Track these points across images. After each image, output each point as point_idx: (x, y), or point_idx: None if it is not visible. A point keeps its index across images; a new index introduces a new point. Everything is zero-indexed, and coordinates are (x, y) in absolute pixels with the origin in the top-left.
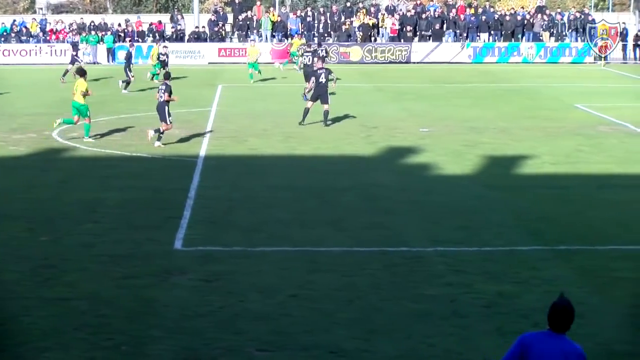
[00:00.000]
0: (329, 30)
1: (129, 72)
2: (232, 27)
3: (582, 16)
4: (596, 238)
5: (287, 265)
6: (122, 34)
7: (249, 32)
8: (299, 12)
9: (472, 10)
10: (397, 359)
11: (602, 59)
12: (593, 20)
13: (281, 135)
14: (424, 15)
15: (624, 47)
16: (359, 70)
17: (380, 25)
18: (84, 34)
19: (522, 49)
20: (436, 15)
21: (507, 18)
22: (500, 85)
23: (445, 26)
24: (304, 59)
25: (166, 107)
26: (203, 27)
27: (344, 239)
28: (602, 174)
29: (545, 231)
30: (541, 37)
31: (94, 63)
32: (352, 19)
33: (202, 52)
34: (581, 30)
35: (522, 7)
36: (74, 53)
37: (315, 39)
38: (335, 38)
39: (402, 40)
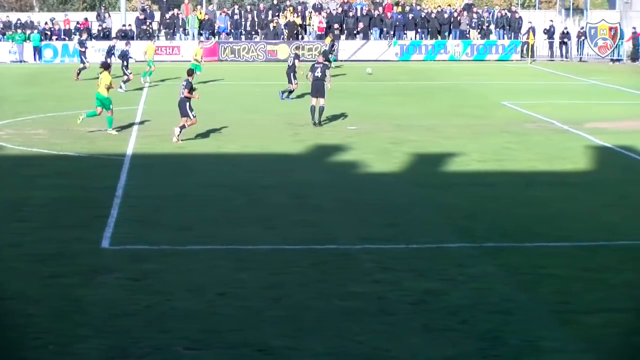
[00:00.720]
0: (257, 28)
1: (126, 71)
2: (159, 25)
3: (509, 14)
4: (523, 235)
5: (215, 263)
6: (49, 32)
7: (175, 30)
8: (226, 10)
9: (399, 8)
10: (325, 356)
11: (529, 56)
12: (520, 18)
13: (209, 133)
14: (350, 13)
15: (551, 45)
16: (286, 68)
17: (307, 23)
18: (9, 32)
19: (449, 46)
20: (363, 13)
21: (434, 16)
22: (428, 83)
23: (372, 24)
24: (288, 60)
25: (187, 103)
26: (130, 25)
27: (272, 237)
28: (529, 171)
29: (473, 228)
30: (468, 35)
31: (21, 62)
32: (279, 16)
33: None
34: (507, 27)
35: (449, 5)
36: None
37: (330, 35)
38: (263, 36)
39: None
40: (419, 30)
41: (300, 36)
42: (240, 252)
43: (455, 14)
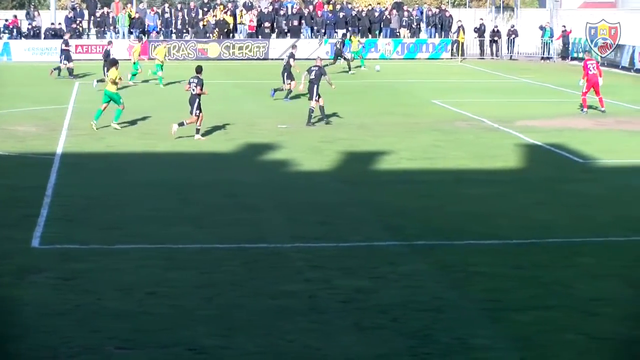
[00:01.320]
0: (187, 26)
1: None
2: (88, 23)
3: (439, 12)
4: (453, 233)
5: (146, 262)
6: None
7: (106, 29)
8: (155, 9)
9: (330, 7)
10: (256, 355)
11: (460, 54)
12: (450, 16)
13: (139, 132)
14: (282, 12)
15: (481, 43)
16: (217, 66)
17: (238, 21)
18: None
19: (380, 45)
20: (294, 12)
21: (365, 14)
22: (358, 82)
23: (303, 22)
24: (284, 60)
25: (197, 100)
26: (60, 23)
27: (203, 235)
28: (459, 169)
29: (403, 226)
30: (398, 33)
31: None
32: (209, 15)
33: (59, 48)
34: (439, 26)
35: (379, 3)
36: None
37: (339, 32)
38: (193, 34)
39: (260, 36)
40: (349, 28)
41: (231, 35)
42: (170, 251)
43: (386, 13)
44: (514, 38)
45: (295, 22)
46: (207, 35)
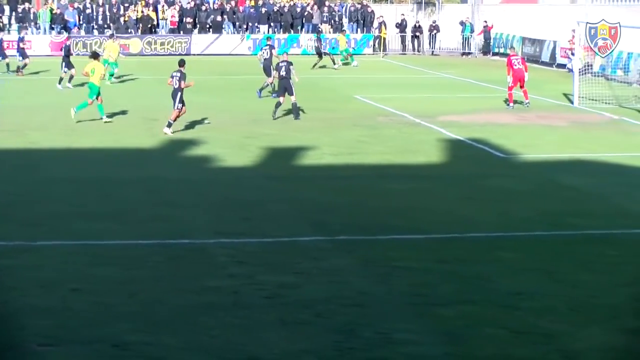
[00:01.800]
0: (109, 22)
1: (64, 67)
2: (9, 19)
3: (361, 8)
4: (377, 228)
5: (68, 259)
6: None
7: (27, 25)
8: (76, 4)
9: (252, 2)
10: (180, 351)
11: (381, 50)
12: (372, 12)
13: (62, 128)
14: (203, 7)
15: (403, 39)
16: (139, 62)
17: (160, 17)
18: None
19: (302, 40)
20: (215, 7)
21: (287, 9)
22: None
23: (225, 18)
24: (264, 52)
25: (179, 94)
26: None
27: (126, 232)
28: (381, 164)
29: (327, 222)
30: (320, 29)
31: None
32: (131, 10)
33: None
34: (361, 21)
35: None
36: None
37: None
38: (115, 30)
39: (182, 32)
40: (271, 24)
41: (153, 30)
42: (93, 248)
43: (308, 8)
44: (435, 33)
45: (218, 18)
46: (129, 30)
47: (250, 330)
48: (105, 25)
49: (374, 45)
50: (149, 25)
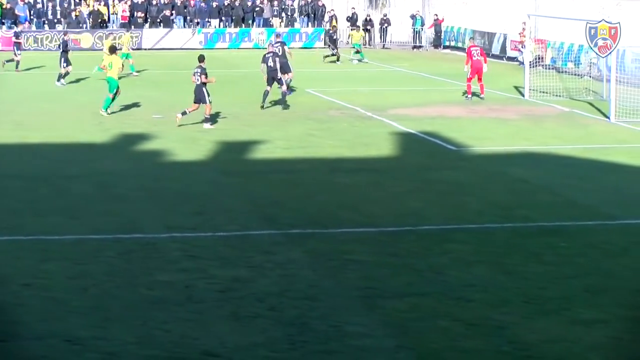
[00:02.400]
0: (59, 17)
1: (63, 63)
2: None
3: (312, 1)
4: (329, 221)
5: (20, 254)
6: None
7: None
8: None
9: None
10: (132, 345)
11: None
12: (323, 5)
13: (11, 123)
14: (154, 2)
15: None
16: (90, 56)
17: (111, 11)
18: None
19: (253, 34)
20: (166, 2)
21: (238, 4)
22: (233, 71)
23: (175, 12)
24: (277, 50)
25: (204, 89)
26: None
27: (77, 226)
28: (333, 157)
29: (279, 215)
30: (271, 23)
31: None
32: (83, 5)
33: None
34: (312, 15)
35: None
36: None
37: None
38: (66, 25)
39: (133, 26)
40: (223, 18)
41: (104, 25)
42: (45, 243)
43: (259, 2)
44: (386, 27)
45: (168, 12)
46: (80, 25)
47: (203, 324)
48: (56, 20)
49: (325, 39)
50: (100, 20)
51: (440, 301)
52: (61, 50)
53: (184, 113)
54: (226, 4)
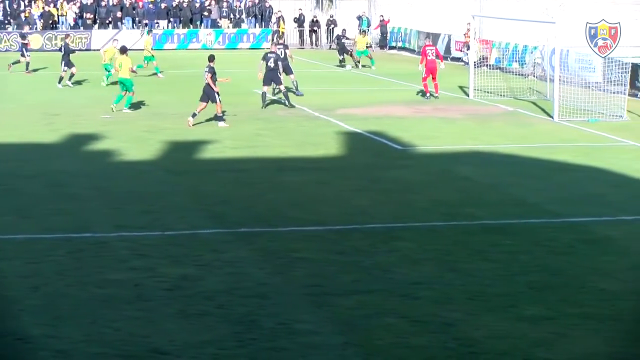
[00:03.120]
0: (9, 18)
1: (64, 66)
2: None
3: (259, 3)
4: (277, 220)
5: None
6: None
7: None
8: None
9: None
10: (82, 343)
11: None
12: (270, 7)
13: None
14: (103, 3)
15: (301, 33)
16: (39, 57)
17: (60, 13)
18: None
19: (201, 35)
20: (115, 3)
21: (186, 5)
22: (181, 72)
23: (124, 13)
24: (278, 52)
25: (213, 88)
26: None
27: (28, 226)
28: (281, 157)
29: (227, 214)
30: (219, 24)
31: None
32: (33, 6)
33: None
34: (259, 16)
35: None
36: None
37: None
38: (15, 26)
39: (82, 27)
40: (171, 19)
41: (54, 26)
42: None
43: (206, 3)
44: (333, 28)
45: (117, 14)
46: (31, 27)
47: (152, 322)
48: (6, 21)
49: (273, 39)
50: (51, 22)
51: (387, 298)
52: (63, 52)
53: (194, 115)
54: (174, 4)
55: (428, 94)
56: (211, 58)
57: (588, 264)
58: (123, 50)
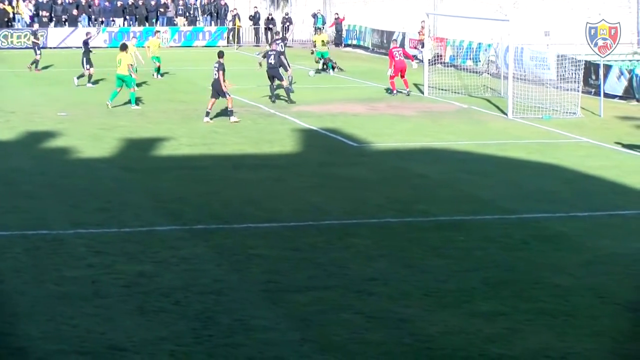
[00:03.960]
0: None
1: (86, 64)
2: None
3: (215, 1)
4: (232, 217)
5: None
6: None
7: None
8: None
9: None
10: (40, 340)
11: (235, 42)
12: (226, 4)
13: None
14: (59, 1)
15: (257, 31)
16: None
17: (15, 10)
18: None
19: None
20: (71, 1)
21: (142, 3)
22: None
23: (80, 11)
24: (278, 47)
25: (221, 84)
26: None
27: None
28: (236, 154)
29: (183, 211)
30: (175, 22)
31: None
32: None
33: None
34: (215, 14)
35: None
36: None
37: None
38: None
39: (38, 25)
40: (127, 17)
41: (10, 24)
42: None
43: (162, 1)
44: (288, 25)
45: (74, 12)
46: None
47: (110, 319)
48: None
49: (229, 37)
50: (6, 19)
51: (342, 294)
52: (84, 50)
53: (207, 114)
54: (130, 2)
55: (395, 92)
56: (221, 54)
57: (542, 260)
58: (123, 47)
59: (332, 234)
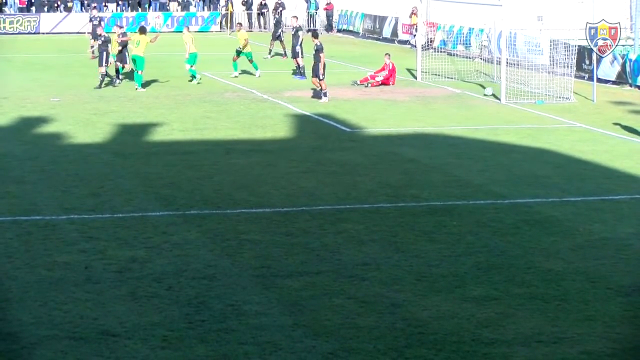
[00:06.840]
0: None
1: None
2: None
3: None
4: (225, 202)
5: None
6: None
7: None
8: None
9: None
10: (32, 326)
11: (228, 27)
12: None
13: None
14: None
15: (249, 16)
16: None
17: None
18: None
19: (150, 18)
20: None
21: None
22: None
23: None
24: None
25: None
26: None
27: None
28: (229, 139)
29: (175, 196)
30: (168, 7)
31: None
32: None
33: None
34: (208, 0)
35: None
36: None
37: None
38: None
39: (34, 9)
40: (119, 2)
41: (1, 9)
42: None
43: None
44: (281, 10)
45: None
46: None
47: (102, 304)
48: None
49: (221, 22)
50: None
51: (335, 279)
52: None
53: (325, 94)
54: None
55: (360, 82)
56: (315, 35)
57: (533, 245)
58: (142, 30)
59: (324, 219)
